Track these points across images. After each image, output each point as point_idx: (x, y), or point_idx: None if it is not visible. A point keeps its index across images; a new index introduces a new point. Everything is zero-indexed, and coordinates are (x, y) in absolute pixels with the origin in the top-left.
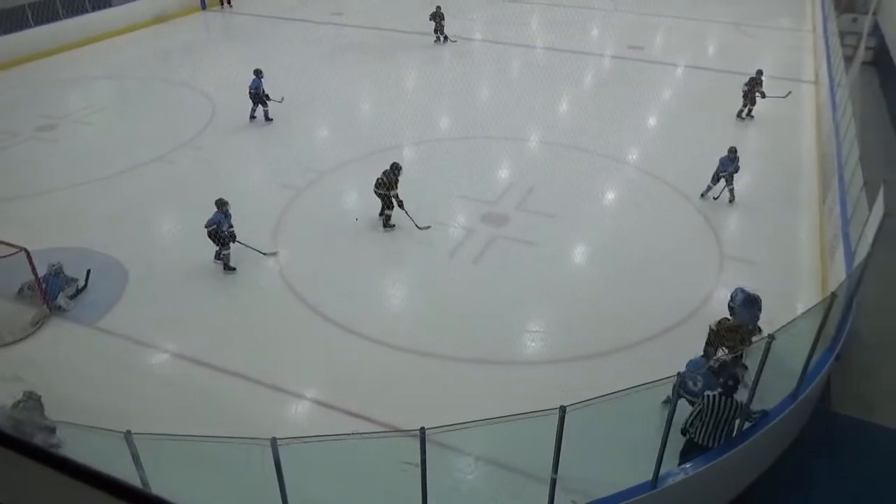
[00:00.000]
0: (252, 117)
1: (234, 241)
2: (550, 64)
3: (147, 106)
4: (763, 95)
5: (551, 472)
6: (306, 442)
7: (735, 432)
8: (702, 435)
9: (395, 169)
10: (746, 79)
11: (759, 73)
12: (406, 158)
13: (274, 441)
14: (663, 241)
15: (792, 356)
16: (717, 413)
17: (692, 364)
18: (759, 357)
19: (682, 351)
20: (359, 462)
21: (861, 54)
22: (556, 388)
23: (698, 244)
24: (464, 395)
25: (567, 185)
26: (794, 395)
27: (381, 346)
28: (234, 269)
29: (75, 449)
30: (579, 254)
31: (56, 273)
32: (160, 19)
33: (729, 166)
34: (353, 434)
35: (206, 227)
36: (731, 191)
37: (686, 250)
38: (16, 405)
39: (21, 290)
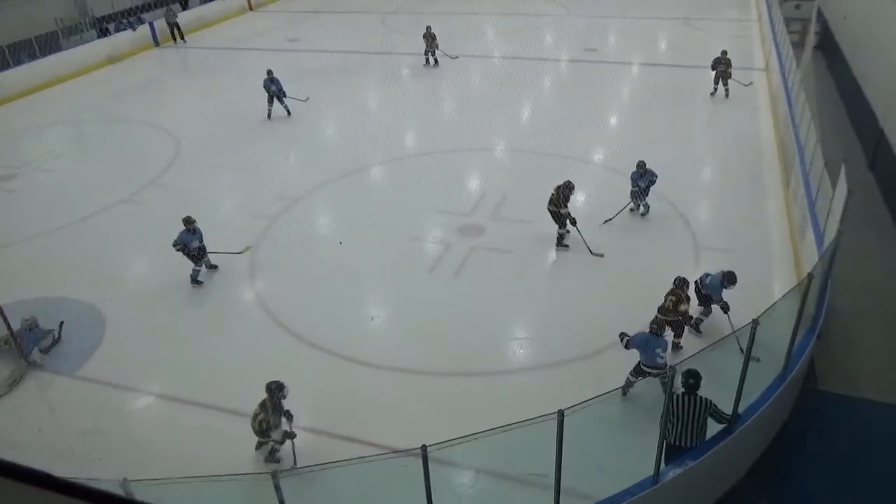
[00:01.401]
0: (289, 111)
1: (205, 256)
2: (511, 72)
3: (107, 148)
4: (730, 76)
5: None
6: (307, 472)
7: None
8: (674, 435)
9: (568, 186)
10: (711, 61)
11: (724, 53)
12: (378, 178)
13: (275, 474)
14: (637, 237)
15: (775, 339)
16: (684, 412)
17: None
18: (746, 344)
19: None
20: (360, 486)
21: (812, 39)
22: (547, 394)
23: (672, 238)
24: (455, 408)
25: (539, 190)
26: (782, 377)
27: (368, 367)
28: (202, 282)
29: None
30: (558, 258)
31: (30, 328)
32: (113, 59)
33: (640, 180)
34: (354, 459)
35: (173, 246)
36: (646, 205)
37: (661, 244)
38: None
39: None
